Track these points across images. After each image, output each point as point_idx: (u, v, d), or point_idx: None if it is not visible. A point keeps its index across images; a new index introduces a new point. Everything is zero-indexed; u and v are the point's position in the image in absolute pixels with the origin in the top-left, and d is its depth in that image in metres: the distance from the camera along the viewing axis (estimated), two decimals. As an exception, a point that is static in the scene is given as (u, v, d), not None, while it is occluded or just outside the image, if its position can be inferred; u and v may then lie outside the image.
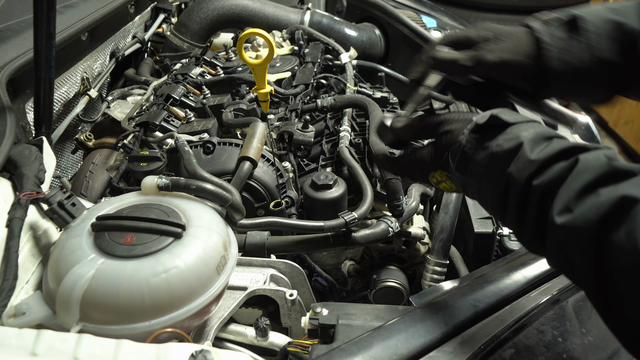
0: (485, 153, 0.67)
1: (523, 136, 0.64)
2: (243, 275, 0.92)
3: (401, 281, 1.14)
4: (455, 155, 0.71)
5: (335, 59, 1.71)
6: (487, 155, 0.67)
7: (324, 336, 0.76)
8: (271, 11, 1.86)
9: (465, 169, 0.70)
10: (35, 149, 0.91)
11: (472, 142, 0.69)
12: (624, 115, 4.16)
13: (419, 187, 1.21)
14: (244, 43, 0.93)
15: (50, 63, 0.98)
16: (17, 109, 1.12)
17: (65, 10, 1.37)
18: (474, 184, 0.69)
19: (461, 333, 0.73)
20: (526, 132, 0.64)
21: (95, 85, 1.48)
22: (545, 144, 0.62)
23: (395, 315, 0.76)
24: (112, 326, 0.69)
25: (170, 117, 1.23)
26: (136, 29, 1.87)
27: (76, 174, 1.31)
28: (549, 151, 0.61)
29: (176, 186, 0.85)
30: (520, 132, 0.65)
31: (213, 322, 0.83)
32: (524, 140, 0.63)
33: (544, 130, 0.65)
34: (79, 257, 0.71)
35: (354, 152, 1.17)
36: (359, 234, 1.03)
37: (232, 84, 1.44)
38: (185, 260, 0.72)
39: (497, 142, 0.66)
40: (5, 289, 0.68)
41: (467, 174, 0.69)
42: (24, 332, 0.62)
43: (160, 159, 1.07)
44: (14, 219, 0.74)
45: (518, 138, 0.64)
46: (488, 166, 0.66)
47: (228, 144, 1.13)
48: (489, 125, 0.68)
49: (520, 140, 0.63)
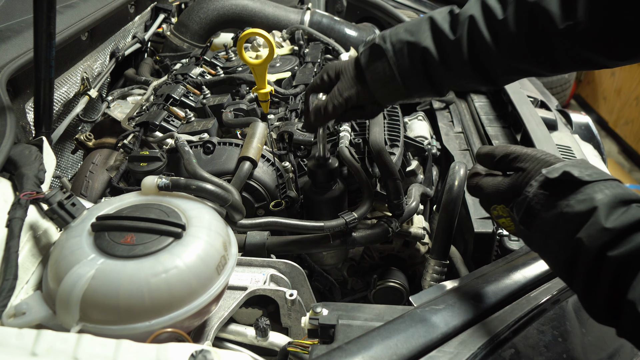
0: (554, 212, 0.63)
1: (598, 199, 0.60)
2: (243, 275, 0.92)
3: (401, 281, 1.14)
4: (520, 208, 0.68)
5: (335, 59, 1.71)
6: (555, 215, 0.63)
7: (324, 336, 0.76)
8: (271, 11, 1.86)
9: (529, 224, 0.67)
10: (35, 149, 0.91)
11: (540, 198, 0.65)
12: (624, 115, 4.16)
13: (419, 187, 1.21)
14: (244, 43, 0.93)
15: (50, 63, 0.98)
16: (17, 109, 1.12)
17: (65, 10, 1.37)
18: (537, 241, 0.67)
19: (461, 333, 0.73)
20: (602, 194, 0.60)
21: (95, 85, 1.48)
22: (622, 210, 0.58)
23: (395, 315, 0.76)
24: (112, 326, 0.69)
25: (170, 117, 1.23)
26: (136, 29, 1.87)
27: (76, 174, 1.31)
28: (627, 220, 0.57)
29: (176, 186, 0.85)
30: (595, 194, 0.61)
31: (213, 322, 0.83)
32: (599, 204, 0.59)
33: (623, 192, 0.61)
34: (79, 257, 0.71)
35: (354, 152, 1.17)
36: (359, 234, 1.03)
37: (232, 84, 1.44)
38: (185, 260, 0.72)
39: (568, 202, 0.62)
40: (5, 289, 0.68)
41: (531, 229, 0.67)
42: (24, 332, 0.62)
43: (160, 159, 1.07)
44: (14, 219, 0.74)
45: (592, 201, 0.60)
46: (555, 227, 0.63)
47: (228, 144, 1.13)
48: (560, 180, 0.64)
49: (594, 205, 0.59)
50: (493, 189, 0.74)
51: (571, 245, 0.60)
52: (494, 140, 1.43)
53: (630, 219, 0.57)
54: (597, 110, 4.55)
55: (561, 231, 0.62)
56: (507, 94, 1.56)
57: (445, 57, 0.85)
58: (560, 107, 1.82)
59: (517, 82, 1.66)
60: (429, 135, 1.55)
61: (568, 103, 4.57)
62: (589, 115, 1.96)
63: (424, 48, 0.85)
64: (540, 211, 0.65)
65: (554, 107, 1.73)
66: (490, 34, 0.82)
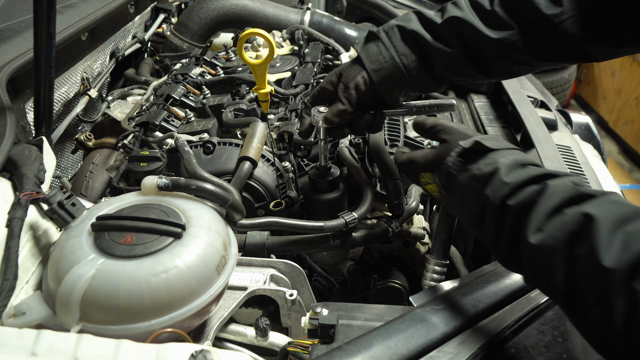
0: (467, 175, 0.74)
1: (501, 162, 0.71)
2: (243, 275, 0.92)
3: (401, 281, 1.14)
4: (441, 174, 0.79)
5: (335, 59, 1.71)
6: (468, 177, 0.74)
7: (324, 336, 0.76)
8: (271, 11, 1.86)
9: (449, 188, 0.77)
10: (35, 149, 0.91)
11: (457, 164, 0.76)
12: (624, 115, 4.16)
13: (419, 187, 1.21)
14: (244, 43, 0.93)
15: (50, 63, 0.98)
16: (17, 109, 1.12)
17: (65, 10, 1.37)
18: (455, 202, 0.77)
19: (461, 333, 0.73)
20: (504, 158, 0.72)
21: (95, 85, 1.48)
22: (519, 170, 0.69)
23: (395, 315, 0.76)
24: (112, 326, 0.69)
25: (170, 117, 1.23)
26: (136, 29, 1.87)
27: (76, 174, 1.31)
28: (522, 175, 0.68)
29: (176, 186, 0.85)
30: (498, 158, 0.72)
31: (213, 322, 0.83)
32: (501, 165, 0.70)
33: (521, 157, 0.72)
34: (79, 257, 0.71)
35: (354, 152, 1.17)
36: (359, 234, 1.03)
37: (232, 84, 1.44)
38: (185, 260, 0.72)
39: (477, 165, 0.73)
40: (5, 289, 0.68)
41: (450, 192, 0.77)
42: (24, 332, 0.62)
43: (160, 159, 1.07)
44: (14, 219, 0.74)
45: (496, 163, 0.71)
46: (468, 187, 0.74)
47: (228, 144, 1.13)
48: (473, 149, 0.75)
49: (497, 165, 0.71)
50: (422, 159, 0.84)
51: (480, 200, 0.71)
52: (494, 140, 1.43)
53: (525, 176, 0.67)
54: (597, 110, 4.55)
55: (473, 190, 0.73)
56: (507, 94, 1.56)
57: (436, 38, 0.90)
58: (560, 107, 1.82)
59: (517, 82, 1.66)
60: (429, 135, 1.55)
61: (568, 103, 4.57)
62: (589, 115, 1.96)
63: (411, 30, 0.90)
64: (457, 176, 0.76)
65: (554, 107, 1.73)
66: (481, 20, 0.87)
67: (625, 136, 4.14)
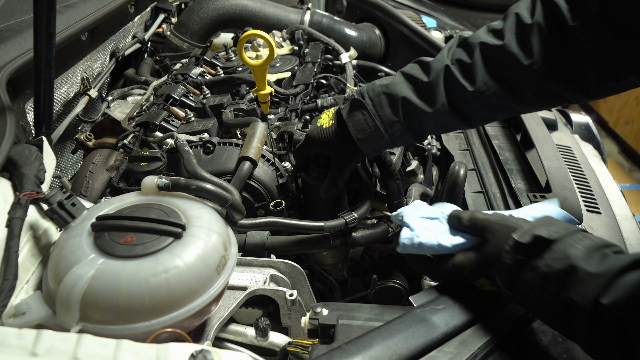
0: (535, 274, 0.66)
1: (572, 255, 0.63)
2: (243, 275, 0.92)
3: (401, 281, 1.14)
4: (501, 274, 0.71)
5: (335, 59, 1.71)
6: (537, 277, 0.66)
7: (324, 336, 0.76)
8: (271, 11, 1.86)
9: (516, 288, 0.69)
10: (35, 149, 0.91)
11: (519, 262, 0.68)
12: (624, 115, 4.16)
13: (419, 187, 1.21)
14: (244, 44, 0.93)
15: (50, 63, 0.98)
16: (17, 109, 1.12)
17: (65, 10, 1.37)
18: (527, 302, 0.70)
19: (461, 333, 0.73)
20: (574, 249, 0.64)
21: (95, 85, 1.48)
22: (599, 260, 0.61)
23: (395, 315, 0.76)
24: (112, 326, 0.69)
25: (170, 117, 1.23)
26: (136, 29, 1.87)
27: (76, 174, 1.31)
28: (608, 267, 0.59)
29: (176, 186, 0.85)
30: (567, 250, 0.64)
31: (213, 322, 0.83)
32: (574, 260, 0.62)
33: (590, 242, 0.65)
34: (79, 257, 0.71)
35: (354, 152, 1.17)
36: (359, 234, 1.03)
37: (232, 84, 1.44)
38: (185, 260, 0.72)
39: (544, 261, 0.65)
40: (5, 289, 0.68)
41: (519, 293, 0.69)
42: (24, 332, 0.62)
43: (160, 159, 1.07)
44: (14, 219, 0.74)
45: (567, 258, 0.63)
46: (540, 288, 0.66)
47: (228, 144, 1.13)
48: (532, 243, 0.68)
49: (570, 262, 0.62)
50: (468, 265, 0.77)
51: (561, 303, 0.62)
52: (494, 140, 1.43)
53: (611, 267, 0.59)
54: (597, 110, 4.55)
55: (548, 291, 0.65)
56: (507, 94, 1.56)
57: (423, 99, 0.92)
58: (560, 107, 1.82)
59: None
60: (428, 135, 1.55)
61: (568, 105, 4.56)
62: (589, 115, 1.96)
63: (402, 98, 0.92)
64: (521, 275, 0.68)
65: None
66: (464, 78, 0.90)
67: (625, 136, 4.14)
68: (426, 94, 0.92)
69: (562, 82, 0.87)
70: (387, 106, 0.93)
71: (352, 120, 0.95)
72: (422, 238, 0.81)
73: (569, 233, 0.67)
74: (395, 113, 0.93)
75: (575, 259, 0.62)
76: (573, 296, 0.60)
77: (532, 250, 0.68)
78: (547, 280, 0.64)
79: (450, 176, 1.09)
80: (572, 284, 0.61)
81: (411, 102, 0.92)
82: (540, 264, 0.66)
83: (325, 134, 0.99)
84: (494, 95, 0.89)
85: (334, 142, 0.98)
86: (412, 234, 0.83)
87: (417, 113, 0.92)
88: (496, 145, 1.40)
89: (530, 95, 0.89)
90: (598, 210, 1.13)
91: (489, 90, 0.89)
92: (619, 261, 0.59)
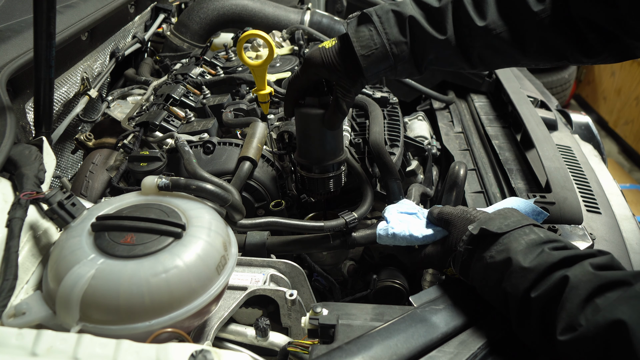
0: (481, 264, 0.74)
1: (513, 249, 0.70)
2: (243, 275, 0.92)
3: (401, 281, 1.14)
4: (456, 262, 0.79)
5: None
6: (482, 267, 0.73)
7: (324, 336, 0.76)
8: (271, 11, 1.86)
9: (467, 276, 0.78)
10: (35, 149, 0.91)
11: (469, 251, 0.76)
12: (624, 115, 4.16)
13: (419, 187, 1.21)
14: (243, 44, 0.93)
15: (50, 63, 0.98)
16: (17, 109, 1.12)
17: (65, 10, 1.37)
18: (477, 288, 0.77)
19: (461, 333, 0.73)
20: (516, 242, 0.71)
21: (95, 85, 1.48)
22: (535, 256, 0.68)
23: (395, 315, 0.76)
24: (112, 326, 0.69)
25: (170, 117, 1.23)
26: (136, 29, 1.87)
27: (76, 174, 1.31)
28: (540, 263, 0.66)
29: (176, 186, 0.85)
30: (510, 244, 0.71)
31: (213, 322, 0.83)
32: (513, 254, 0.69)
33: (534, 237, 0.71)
34: (79, 257, 0.71)
35: (354, 152, 1.17)
36: (359, 234, 1.03)
37: (232, 84, 1.44)
38: (185, 260, 0.72)
39: (490, 252, 0.73)
40: (5, 289, 0.68)
41: (469, 279, 0.77)
42: (24, 332, 0.62)
43: (160, 159, 1.07)
44: (14, 219, 0.74)
45: (508, 251, 0.70)
46: (485, 277, 0.73)
47: (228, 144, 1.13)
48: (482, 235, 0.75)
49: (509, 255, 0.69)
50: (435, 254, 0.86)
51: (500, 292, 0.70)
52: (494, 140, 1.43)
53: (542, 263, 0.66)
54: (597, 110, 4.55)
55: (490, 280, 0.72)
56: (507, 94, 1.56)
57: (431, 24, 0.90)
58: (560, 107, 1.82)
59: (517, 82, 1.66)
60: (429, 135, 1.55)
61: (568, 103, 4.57)
62: (589, 115, 1.96)
63: (409, 17, 0.89)
64: (471, 264, 0.76)
65: (554, 107, 1.73)
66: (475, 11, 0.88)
67: (625, 136, 4.15)
68: (435, 20, 0.90)
69: (565, 37, 0.86)
70: (395, 25, 0.90)
71: (357, 35, 0.90)
72: (396, 229, 0.92)
73: (518, 227, 0.73)
74: (403, 32, 0.90)
75: (514, 253, 0.69)
76: (507, 287, 0.68)
77: (481, 242, 0.75)
78: (490, 271, 0.72)
79: (450, 176, 1.09)
80: (508, 276, 0.68)
81: (419, 25, 0.89)
82: (486, 255, 0.73)
83: (328, 53, 0.93)
84: (498, 36, 0.88)
85: (337, 61, 0.92)
86: (387, 225, 0.94)
87: (424, 37, 0.90)
88: (496, 145, 1.40)
89: (532, 43, 0.88)
90: (598, 210, 1.13)
91: (496, 30, 0.87)
92: (551, 258, 0.66)
